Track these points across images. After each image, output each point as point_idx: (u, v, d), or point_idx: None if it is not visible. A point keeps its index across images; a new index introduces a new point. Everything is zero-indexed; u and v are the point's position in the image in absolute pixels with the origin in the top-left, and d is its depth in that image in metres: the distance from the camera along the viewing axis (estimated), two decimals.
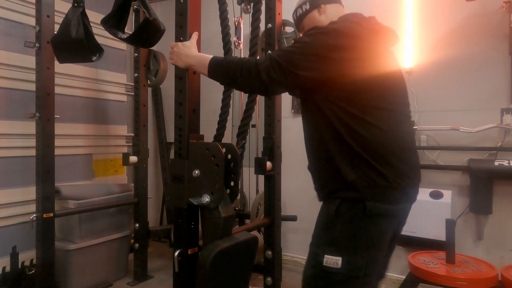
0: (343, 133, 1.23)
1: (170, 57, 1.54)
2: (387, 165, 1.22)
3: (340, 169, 1.24)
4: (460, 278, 2.03)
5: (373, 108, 1.23)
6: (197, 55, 1.47)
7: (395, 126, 1.27)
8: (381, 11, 2.81)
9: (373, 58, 1.26)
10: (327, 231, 1.27)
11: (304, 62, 1.22)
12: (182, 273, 1.51)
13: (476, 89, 2.49)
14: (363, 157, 1.21)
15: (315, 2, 1.47)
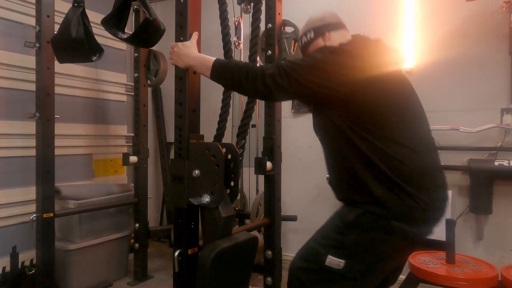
0: (367, 153, 1.22)
1: (170, 57, 1.54)
2: (415, 185, 1.20)
3: (367, 184, 1.22)
4: (460, 278, 2.03)
5: (392, 122, 1.24)
6: (198, 56, 1.47)
7: (418, 141, 1.27)
8: (381, 11, 2.81)
9: (382, 78, 1.26)
10: (338, 235, 1.26)
11: (311, 75, 1.24)
12: (182, 273, 1.51)
13: (476, 89, 2.49)
14: (390, 176, 1.20)
15: (319, 30, 1.48)
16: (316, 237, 1.34)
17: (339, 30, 1.48)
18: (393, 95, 1.29)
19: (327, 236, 1.29)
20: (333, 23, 1.49)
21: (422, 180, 1.22)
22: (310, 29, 1.50)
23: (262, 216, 2.30)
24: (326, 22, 1.49)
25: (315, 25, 1.49)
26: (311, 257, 1.29)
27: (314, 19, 1.52)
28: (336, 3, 2.98)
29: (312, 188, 3.04)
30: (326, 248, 1.26)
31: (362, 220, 1.22)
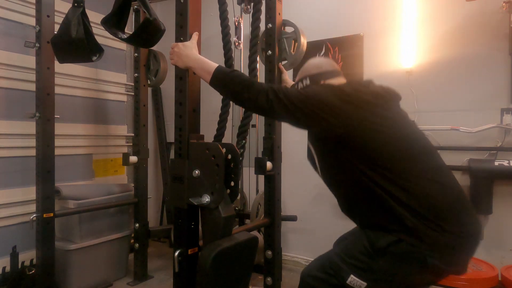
0: (392, 190, 1.21)
1: (170, 57, 1.54)
2: (445, 218, 1.18)
3: (397, 213, 1.19)
4: (460, 278, 2.03)
5: (406, 158, 1.24)
6: (198, 58, 1.47)
7: (438, 172, 1.27)
8: (381, 11, 2.81)
9: (380, 115, 1.27)
10: (366, 258, 1.24)
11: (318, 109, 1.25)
12: (182, 273, 1.51)
13: (476, 89, 2.49)
14: (418, 210, 1.18)
15: (314, 79, 1.48)
16: (338, 252, 1.32)
17: (335, 78, 1.48)
18: (402, 131, 1.29)
19: (353, 256, 1.26)
20: (329, 71, 1.50)
21: (451, 213, 1.20)
22: (306, 76, 1.51)
23: (262, 216, 2.30)
24: (322, 70, 1.50)
25: (311, 72, 1.51)
26: (332, 271, 1.28)
27: (310, 66, 1.54)
28: (336, 3, 2.98)
29: (312, 188, 3.04)
30: (350, 267, 1.25)
31: (395, 249, 1.19)
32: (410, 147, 1.27)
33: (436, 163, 1.30)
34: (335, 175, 1.38)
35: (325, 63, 1.52)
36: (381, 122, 1.24)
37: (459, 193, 1.27)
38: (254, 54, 1.97)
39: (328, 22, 3.01)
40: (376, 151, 1.23)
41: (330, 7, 3.01)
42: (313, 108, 1.25)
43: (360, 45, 2.88)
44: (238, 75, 1.39)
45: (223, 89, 1.41)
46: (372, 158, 1.23)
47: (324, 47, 3.03)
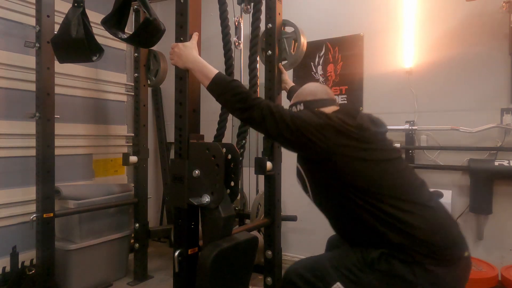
0: (379, 214, 1.26)
1: (170, 57, 1.54)
2: (431, 238, 1.22)
3: (384, 233, 1.25)
4: None
5: (392, 184, 1.30)
6: (198, 61, 1.48)
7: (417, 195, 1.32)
8: (381, 11, 2.81)
9: (363, 147, 1.31)
10: (357, 270, 1.27)
11: (298, 128, 1.30)
12: (182, 273, 1.51)
13: (476, 89, 2.49)
14: (404, 229, 1.23)
15: (307, 106, 1.52)
16: (331, 258, 1.35)
17: (329, 107, 1.51)
18: (382, 162, 1.34)
19: (344, 265, 1.29)
20: (324, 100, 1.53)
21: (437, 234, 1.24)
22: (301, 102, 1.55)
23: (262, 216, 2.30)
24: (317, 97, 1.53)
25: (306, 99, 1.54)
26: (319, 273, 1.31)
27: (306, 92, 1.56)
28: (336, 3, 2.98)
29: None
30: (339, 275, 1.27)
31: (387, 268, 1.23)
32: (390, 175, 1.32)
33: (415, 187, 1.36)
34: (324, 198, 1.44)
35: (320, 91, 1.55)
36: (363, 154, 1.30)
37: (439, 213, 1.31)
38: (254, 54, 1.97)
39: (328, 22, 3.01)
40: (357, 178, 1.29)
41: (330, 7, 3.01)
42: (303, 130, 1.29)
43: (360, 45, 2.88)
44: (237, 85, 1.40)
45: (219, 96, 1.43)
46: (354, 186, 1.29)
47: (324, 47, 3.04)
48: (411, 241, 1.22)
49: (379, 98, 2.81)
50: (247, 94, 1.38)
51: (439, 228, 1.25)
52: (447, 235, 1.26)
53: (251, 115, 1.35)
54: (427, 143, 2.63)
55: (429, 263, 1.20)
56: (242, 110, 1.37)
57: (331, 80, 3.01)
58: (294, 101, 1.59)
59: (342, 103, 1.56)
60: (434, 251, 1.21)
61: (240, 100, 1.37)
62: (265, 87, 2.01)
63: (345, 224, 1.40)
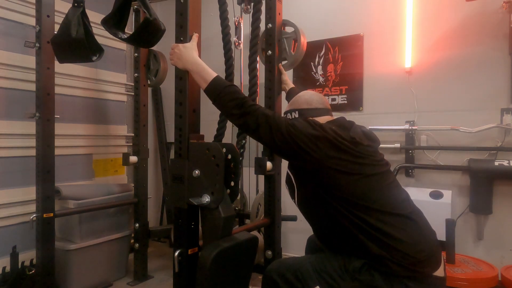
0: (358, 222, 1.30)
1: (170, 57, 1.55)
2: (408, 247, 1.26)
3: (364, 244, 1.28)
4: (460, 278, 2.03)
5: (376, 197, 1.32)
6: (197, 63, 1.48)
7: (400, 205, 1.35)
8: (381, 11, 2.81)
9: (353, 161, 1.33)
10: (337, 276, 1.30)
11: (292, 137, 1.31)
12: (182, 273, 1.51)
13: (476, 89, 2.49)
14: (383, 240, 1.26)
15: (302, 114, 1.54)
16: (313, 262, 1.37)
17: (323, 117, 1.53)
18: (374, 171, 1.36)
19: (325, 271, 1.32)
20: (319, 109, 1.55)
21: (417, 247, 1.27)
22: (295, 109, 1.56)
23: (262, 216, 2.30)
24: (312, 106, 1.55)
25: (301, 107, 1.56)
26: (300, 275, 1.33)
27: (301, 100, 1.58)
28: (336, 3, 2.98)
29: None
30: (319, 279, 1.31)
31: (366, 279, 1.26)
32: (378, 189, 1.34)
33: (398, 198, 1.38)
34: (311, 205, 1.46)
35: (316, 100, 1.56)
36: (353, 168, 1.32)
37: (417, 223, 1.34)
38: (254, 54, 1.97)
39: (328, 22, 3.01)
40: (346, 190, 1.31)
41: (330, 7, 3.01)
42: (297, 140, 1.30)
43: (360, 45, 2.88)
44: (234, 90, 1.41)
45: (215, 100, 1.44)
46: (342, 197, 1.31)
47: (324, 47, 3.04)
48: (391, 253, 1.25)
49: (379, 98, 2.81)
50: (243, 100, 1.38)
51: (418, 242, 1.29)
52: (426, 249, 1.29)
53: (246, 121, 1.37)
54: (427, 143, 2.63)
55: (407, 277, 1.24)
56: (237, 116, 1.38)
57: (331, 80, 3.01)
58: (289, 108, 1.61)
59: (336, 118, 1.56)
60: (413, 262, 1.24)
61: (236, 106, 1.37)
62: (265, 87, 2.01)
63: (328, 232, 1.43)
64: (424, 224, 1.38)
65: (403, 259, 1.24)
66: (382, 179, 1.37)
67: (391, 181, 1.41)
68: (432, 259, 1.29)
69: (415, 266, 1.24)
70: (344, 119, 1.52)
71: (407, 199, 1.41)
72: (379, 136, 1.89)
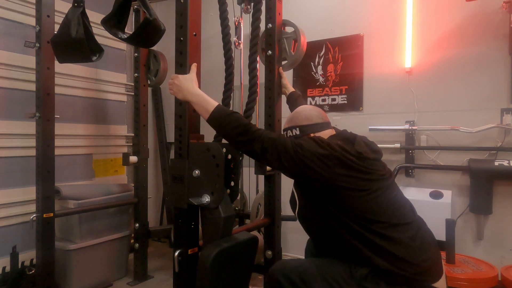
0: (364, 234, 1.32)
1: (169, 87, 1.55)
2: (411, 256, 1.29)
3: (370, 258, 1.30)
4: (460, 278, 2.03)
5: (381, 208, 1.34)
6: (198, 94, 1.48)
7: (403, 215, 1.38)
8: (381, 11, 2.81)
9: (359, 176, 1.35)
10: (342, 281, 1.32)
11: (299, 157, 1.32)
12: (182, 273, 1.51)
13: (476, 89, 2.49)
14: (392, 252, 1.29)
15: (303, 131, 1.54)
16: (319, 266, 1.38)
17: (324, 131, 1.54)
18: (380, 186, 1.38)
19: (332, 277, 1.33)
20: (319, 124, 1.55)
21: (417, 251, 1.30)
22: (296, 126, 1.56)
23: (262, 216, 2.30)
24: (312, 122, 1.55)
25: (302, 123, 1.56)
26: (306, 278, 1.34)
27: (301, 117, 1.58)
28: (336, 3, 2.98)
29: None
30: (325, 283, 1.32)
31: (371, 285, 1.28)
32: (384, 203, 1.36)
33: (402, 209, 1.40)
34: (315, 222, 1.48)
35: (315, 116, 1.57)
36: (361, 184, 1.33)
37: (419, 232, 1.37)
38: (254, 54, 1.97)
39: (328, 22, 3.01)
40: (354, 206, 1.33)
41: (330, 7, 3.01)
42: (306, 161, 1.31)
43: (360, 45, 2.88)
44: (236, 118, 1.41)
45: (219, 129, 1.45)
46: (349, 212, 1.33)
47: (324, 47, 3.04)
48: (397, 265, 1.27)
49: (379, 98, 2.81)
50: (247, 127, 1.38)
51: (424, 250, 1.32)
52: (430, 258, 1.32)
53: (252, 148, 1.37)
54: (427, 143, 2.63)
55: (411, 283, 1.27)
56: (243, 143, 1.39)
57: (331, 80, 3.01)
58: (288, 125, 1.61)
59: (338, 131, 1.57)
60: (418, 272, 1.27)
61: (241, 133, 1.38)
62: (265, 87, 2.01)
63: (335, 248, 1.43)
64: (427, 232, 1.41)
65: (409, 268, 1.27)
66: (387, 192, 1.39)
67: (396, 193, 1.43)
68: (434, 269, 1.32)
69: (420, 276, 1.27)
70: (347, 132, 1.53)
71: (411, 209, 1.44)
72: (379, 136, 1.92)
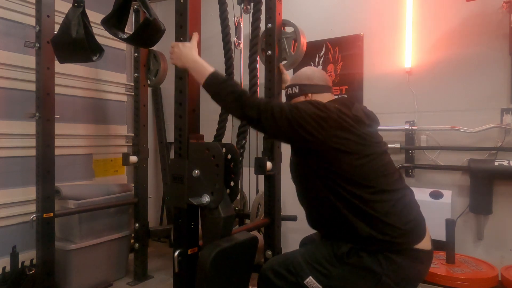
0: (350, 199, 1.31)
1: (170, 56, 1.55)
2: (393, 219, 1.30)
3: (353, 224, 1.30)
4: (460, 278, 2.03)
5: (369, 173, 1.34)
6: (197, 60, 1.48)
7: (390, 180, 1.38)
8: (381, 11, 2.81)
9: (355, 140, 1.34)
10: (327, 263, 1.33)
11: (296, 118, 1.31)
12: (182, 273, 1.51)
13: (476, 89, 2.49)
14: (372, 214, 1.29)
15: (303, 89, 1.55)
16: (303, 254, 1.39)
17: (323, 94, 1.54)
18: (374, 151, 1.38)
19: (316, 260, 1.34)
20: (319, 86, 1.55)
21: (399, 215, 1.31)
22: (296, 84, 1.57)
23: (262, 216, 2.30)
24: (312, 82, 1.55)
25: (302, 82, 1.56)
26: (293, 269, 1.35)
27: (303, 76, 1.58)
28: (336, 3, 2.98)
29: None
30: (311, 269, 1.33)
31: (356, 262, 1.29)
32: (375, 168, 1.36)
33: (389, 173, 1.40)
34: (307, 187, 1.47)
35: (317, 77, 1.57)
36: (356, 148, 1.32)
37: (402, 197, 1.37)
38: (254, 54, 1.97)
39: (328, 22, 3.01)
40: (345, 169, 1.32)
41: (330, 7, 3.01)
42: (302, 122, 1.29)
43: (360, 45, 2.88)
44: (230, 84, 1.41)
45: (214, 94, 1.44)
46: (340, 174, 1.32)
47: (324, 47, 3.04)
48: (379, 228, 1.27)
49: (379, 98, 2.81)
50: (242, 92, 1.38)
51: (406, 213, 1.33)
52: (412, 220, 1.33)
53: (246, 112, 1.36)
54: (427, 143, 2.63)
55: (393, 251, 1.27)
56: (237, 108, 1.38)
57: (331, 80, 3.01)
58: (290, 82, 1.61)
59: (338, 97, 1.59)
60: (400, 234, 1.27)
61: (236, 98, 1.37)
62: (265, 87, 2.01)
63: (321, 214, 1.45)
64: (412, 199, 1.42)
65: (391, 231, 1.27)
66: (379, 159, 1.38)
67: (387, 162, 1.43)
68: (417, 230, 1.33)
69: (402, 238, 1.27)
70: (346, 98, 1.52)
71: (400, 178, 1.44)
72: None
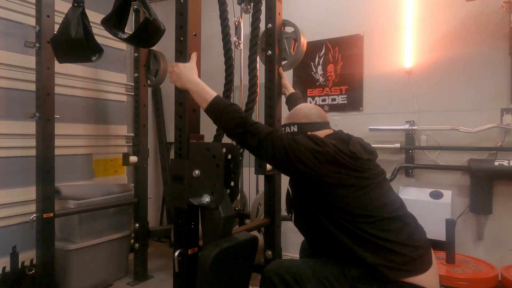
0: (356, 231, 1.32)
1: (170, 76, 1.56)
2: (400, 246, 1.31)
3: (359, 255, 1.31)
4: (460, 278, 2.03)
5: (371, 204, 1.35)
6: (198, 83, 1.49)
7: (392, 208, 1.39)
8: (381, 11, 2.81)
9: (353, 176, 1.35)
10: (335, 281, 1.32)
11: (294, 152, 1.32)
12: (182, 273, 1.51)
13: (476, 89, 2.49)
14: (381, 245, 1.30)
15: (301, 128, 1.55)
16: (312, 266, 1.38)
17: (322, 131, 1.54)
18: (372, 182, 1.39)
19: (324, 276, 1.34)
20: (318, 123, 1.56)
21: (405, 242, 1.32)
22: (294, 123, 1.57)
23: (262, 216, 2.30)
24: (310, 120, 1.56)
25: (300, 121, 1.57)
26: (299, 278, 1.34)
27: (300, 114, 1.59)
28: (336, 3, 2.98)
29: None
30: (318, 284, 1.32)
31: (363, 286, 1.29)
32: (375, 199, 1.37)
33: (390, 200, 1.41)
34: (306, 220, 1.48)
35: (315, 114, 1.58)
36: (353, 181, 1.34)
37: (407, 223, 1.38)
38: (254, 54, 1.97)
39: (328, 22, 3.01)
40: (344, 202, 1.33)
41: (330, 7, 3.01)
42: (299, 155, 1.31)
43: (360, 45, 2.88)
44: (234, 110, 1.42)
45: (216, 119, 1.45)
46: (340, 207, 1.33)
47: (324, 47, 3.03)
48: (385, 256, 1.28)
49: (379, 98, 2.81)
50: (245, 119, 1.39)
51: (413, 240, 1.34)
52: (419, 247, 1.33)
53: (247, 140, 1.38)
54: (427, 143, 2.63)
55: (400, 276, 1.27)
56: (239, 135, 1.40)
57: (331, 80, 3.01)
58: (287, 121, 1.62)
59: (335, 131, 1.58)
60: (406, 261, 1.28)
61: (238, 125, 1.38)
62: (265, 87, 2.01)
63: (325, 245, 1.44)
64: (416, 225, 1.43)
65: (397, 258, 1.27)
66: (378, 188, 1.39)
67: (387, 189, 1.44)
68: (423, 259, 1.33)
69: (408, 266, 1.27)
70: (342, 132, 1.54)
71: (401, 205, 1.44)
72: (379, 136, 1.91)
